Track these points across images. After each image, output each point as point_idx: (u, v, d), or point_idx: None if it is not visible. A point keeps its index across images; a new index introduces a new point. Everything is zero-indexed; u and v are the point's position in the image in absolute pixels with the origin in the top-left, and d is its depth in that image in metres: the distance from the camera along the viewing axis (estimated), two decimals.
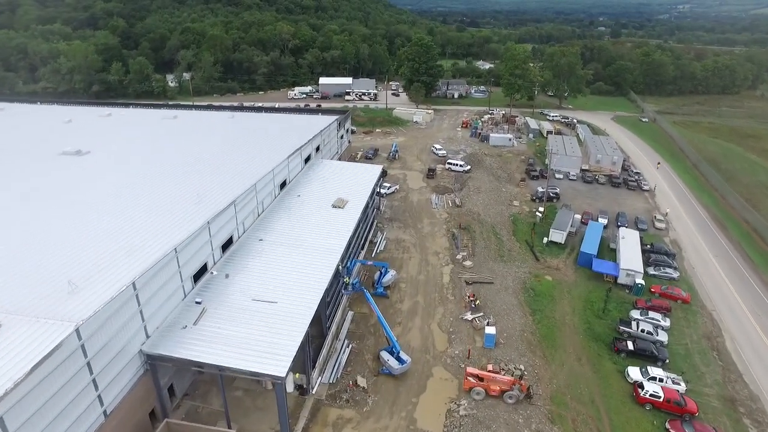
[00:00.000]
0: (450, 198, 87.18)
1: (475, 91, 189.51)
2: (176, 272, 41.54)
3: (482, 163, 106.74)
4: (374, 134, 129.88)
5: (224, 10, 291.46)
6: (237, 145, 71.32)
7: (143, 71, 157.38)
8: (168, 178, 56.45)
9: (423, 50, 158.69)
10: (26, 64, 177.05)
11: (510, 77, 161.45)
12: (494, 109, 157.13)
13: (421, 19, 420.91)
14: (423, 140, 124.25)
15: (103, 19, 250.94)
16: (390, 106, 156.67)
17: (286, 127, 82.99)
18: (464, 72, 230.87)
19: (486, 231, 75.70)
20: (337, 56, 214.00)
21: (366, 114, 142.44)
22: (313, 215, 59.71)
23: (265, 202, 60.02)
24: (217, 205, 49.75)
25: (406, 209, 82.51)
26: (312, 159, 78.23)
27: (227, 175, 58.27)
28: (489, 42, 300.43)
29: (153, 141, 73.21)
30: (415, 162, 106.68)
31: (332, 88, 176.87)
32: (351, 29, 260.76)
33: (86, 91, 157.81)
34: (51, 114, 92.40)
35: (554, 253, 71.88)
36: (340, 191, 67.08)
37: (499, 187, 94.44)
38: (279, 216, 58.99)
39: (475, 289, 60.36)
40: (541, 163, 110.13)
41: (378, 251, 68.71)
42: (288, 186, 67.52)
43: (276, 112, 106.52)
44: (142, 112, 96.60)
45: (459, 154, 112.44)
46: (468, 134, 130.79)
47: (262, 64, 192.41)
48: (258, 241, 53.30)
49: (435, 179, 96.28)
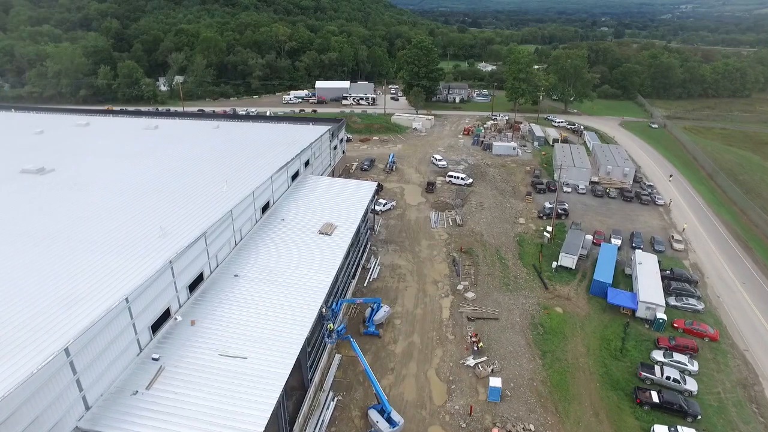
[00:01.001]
0: (451, 216, 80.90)
1: (477, 95, 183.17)
2: (129, 325, 35.38)
3: (485, 175, 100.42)
4: (371, 142, 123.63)
5: (221, 11, 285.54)
6: (217, 161, 65.20)
7: (132, 75, 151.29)
8: (133, 204, 50.28)
9: (423, 53, 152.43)
10: (13, 67, 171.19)
11: (514, 81, 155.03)
12: (497, 115, 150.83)
13: (423, 19, 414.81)
14: (422, 149, 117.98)
15: (97, 20, 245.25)
16: (389, 112, 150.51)
17: (273, 139, 76.89)
18: (466, 74, 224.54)
19: (489, 255, 69.41)
20: (335, 58, 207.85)
21: (363, 120, 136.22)
22: (297, 244, 53.48)
23: (243, 229, 53.86)
24: (185, 238, 43.64)
25: (403, 229, 76.27)
26: (300, 175, 72.12)
27: (201, 199, 52.16)
28: (491, 43, 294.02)
29: (126, 156, 66.98)
30: (413, 174, 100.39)
31: (329, 92, 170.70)
32: (350, 30, 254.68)
33: (73, 96, 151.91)
34: (23, 123, 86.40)
35: (564, 279, 65.58)
36: (330, 213, 60.94)
37: (503, 202, 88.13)
38: (259, 245, 52.77)
39: (478, 327, 54.11)
40: (547, 175, 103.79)
41: (371, 279, 62.48)
42: (272, 208, 61.33)
43: (266, 121, 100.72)
44: (123, 121, 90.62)
45: (460, 164, 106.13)
46: (470, 142, 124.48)
47: (257, 66, 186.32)
48: (233, 277, 47.12)
49: (434, 194, 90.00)
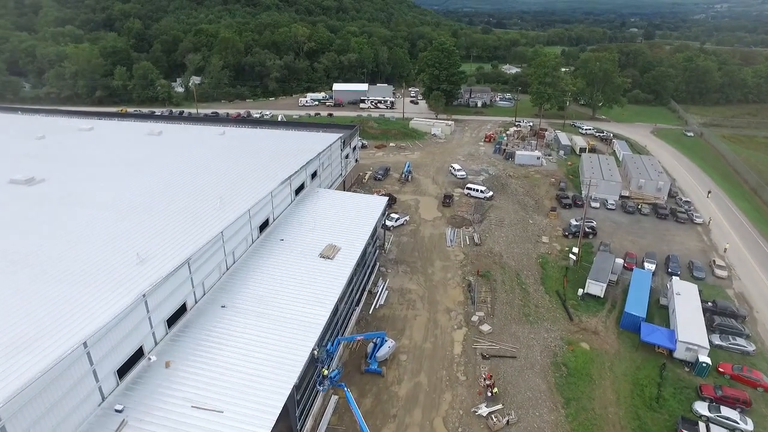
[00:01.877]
0: (468, 233, 75.03)
1: (500, 99, 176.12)
2: (88, 372, 30.95)
3: (506, 187, 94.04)
4: (387, 149, 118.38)
5: (242, 11, 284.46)
6: (216, 172, 60.77)
7: (147, 76, 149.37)
8: (115, 224, 46.06)
9: (444, 55, 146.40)
10: (35, 67, 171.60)
11: (539, 86, 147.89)
12: (521, 121, 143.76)
13: (446, 20, 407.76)
14: (441, 157, 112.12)
15: (120, 20, 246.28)
16: (407, 116, 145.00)
17: (279, 148, 72.29)
18: (489, 77, 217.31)
19: (509, 279, 63.38)
20: (354, 60, 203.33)
21: (380, 125, 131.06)
22: (294, 269, 48.55)
23: (237, 251, 49.26)
24: (166, 265, 39.16)
25: (416, 247, 70.75)
26: (306, 188, 67.35)
27: (190, 218, 47.68)
28: (516, 45, 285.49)
29: (121, 166, 63.11)
30: (430, 185, 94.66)
31: (346, 95, 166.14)
32: (371, 31, 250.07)
33: (89, 97, 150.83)
34: (26, 127, 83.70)
35: (592, 309, 59.17)
36: (334, 232, 55.94)
37: (525, 218, 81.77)
38: (252, 270, 48.04)
39: (493, 366, 48.33)
40: (573, 187, 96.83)
41: (377, 306, 57.20)
42: (271, 226, 56.64)
43: (277, 126, 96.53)
44: (128, 125, 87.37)
45: (480, 175, 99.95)
46: (491, 150, 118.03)
47: (274, 67, 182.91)
48: (220, 307, 42.46)
49: (452, 207, 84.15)
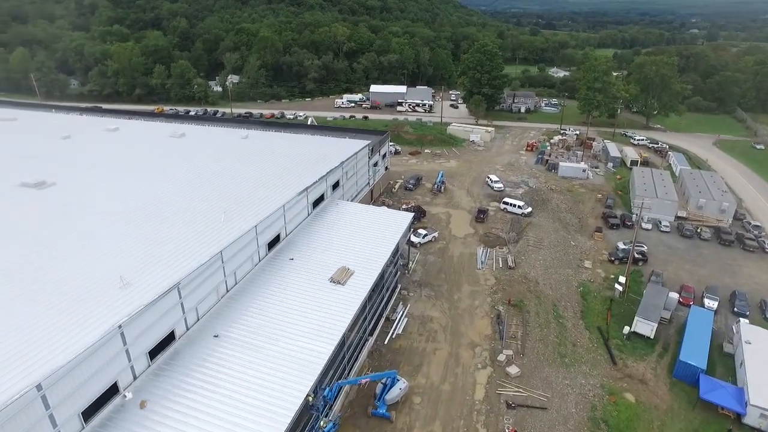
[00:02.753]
0: (502, 254, 68.35)
1: (545, 104, 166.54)
2: (43, 417, 27.18)
3: (547, 202, 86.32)
4: (422, 156, 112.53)
5: (286, 11, 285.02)
6: (230, 180, 57.13)
7: (184, 75, 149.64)
8: (108, 238, 42.69)
9: (486, 58, 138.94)
10: (82, 66, 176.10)
11: (587, 91, 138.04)
12: (567, 129, 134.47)
13: (493, 20, 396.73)
14: (478, 166, 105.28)
15: (168, 19, 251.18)
16: (446, 121, 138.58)
17: (302, 155, 68.10)
18: (535, 81, 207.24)
19: (544, 311, 56.47)
20: (394, 61, 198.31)
21: (416, 130, 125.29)
22: (300, 294, 43.86)
23: (240, 271, 45.07)
24: (153, 289, 35.29)
25: (444, 268, 64.76)
26: (326, 199, 62.74)
27: (190, 233, 43.84)
28: (565, 47, 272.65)
29: (135, 170, 60.47)
30: (464, 197, 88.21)
31: (383, 97, 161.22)
32: (413, 31, 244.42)
33: (129, 95, 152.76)
34: (56, 126, 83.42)
35: (639, 351, 51.58)
36: (350, 252, 50.98)
37: (566, 239, 74.15)
38: (254, 294, 43.68)
39: (519, 419, 41.95)
40: (623, 205, 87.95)
41: (394, 335, 51.76)
42: (282, 242, 52.25)
43: (305, 130, 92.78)
44: (153, 126, 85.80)
45: (519, 188, 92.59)
46: (533, 160, 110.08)
47: (312, 68, 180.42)
48: (212, 337, 38.27)
49: (485, 224, 77.52)
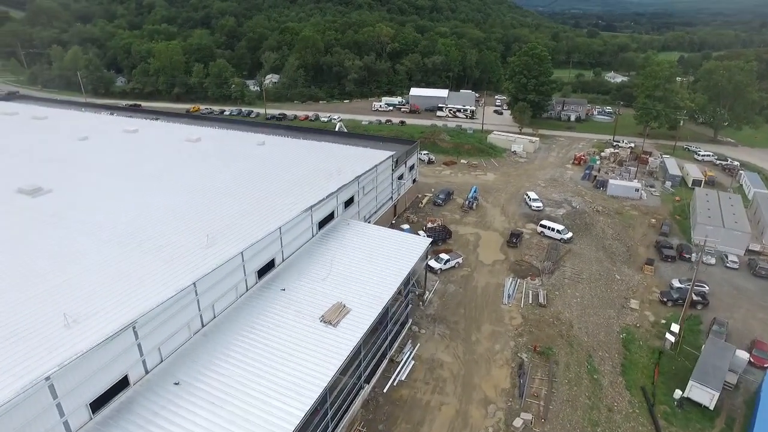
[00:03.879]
0: (533, 287, 60.16)
1: (598, 112, 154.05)
2: None
3: (591, 226, 76.77)
4: (457, 166, 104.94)
5: (333, 10, 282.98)
6: (230, 195, 52.40)
7: (222, 74, 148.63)
8: (76, 260, 38.63)
9: (534, 62, 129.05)
10: (129, 63, 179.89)
11: (646, 100, 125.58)
12: (620, 141, 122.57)
13: (548, 22, 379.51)
14: (517, 180, 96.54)
15: (217, 18, 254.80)
16: (487, 128, 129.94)
17: (315, 166, 62.68)
18: (589, 86, 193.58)
19: (576, 362, 48.18)
20: (439, 63, 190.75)
21: (452, 138, 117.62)
22: (283, 336, 38.14)
23: (219, 304, 39.89)
24: (105, 328, 30.66)
25: (464, 301, 57.41)
26: (337, 218, 56.97)
27: (164, 260, 39.09)
28: (625, 50, 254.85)
29: (137, 179, 57.01)
30: (497, 216, 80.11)
31: (423, 101, 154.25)
32: (462, 32, 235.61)
33: (168, 93, 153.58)
34: (78, 126, 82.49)
35: (694, 425, 42.54)
36: (351, 284, 44.95)
37: (610, 271, 64.85)
38: (232, 331, 38.37)
39: None
40: (680, 233, 77.07)
41: (395, 383, 45.20)
42: (278, 268, 46.83)
43: (329, 136, 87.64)
44: (172, 128, 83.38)
45: (561, 208, 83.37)
46: (580, 175, 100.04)
47: (353, 68, 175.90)
48: (172, 385, 33.24)
49: (518, 249, 69.36)
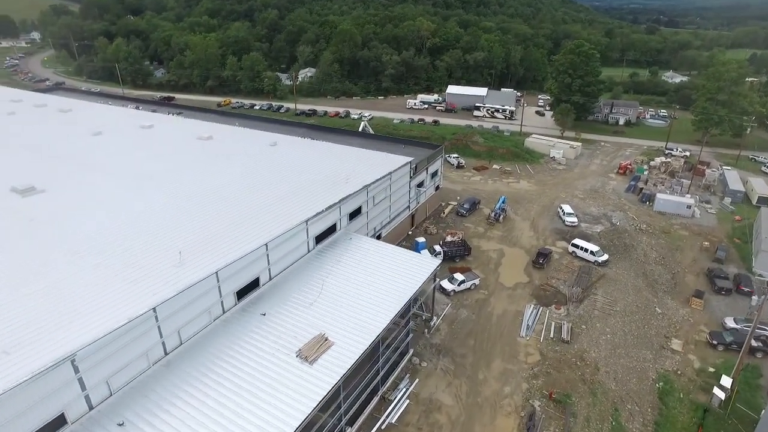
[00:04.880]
0: (557, 318, 53.23)
1: (651, 116, 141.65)
2: None
3: (632, 248, 68.32)
4: (488, 172, 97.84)
5: (376, 2, 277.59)
6: (223, 203, 48.54)
7: (254, 68, 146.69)
8: (38, 277, 35.57)
9: (580, 60, 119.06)
10: (169, 55, 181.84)
11: (707, 103, 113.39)
12: (674, 149, 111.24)
13: (603, 17, 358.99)
14: (553, 191, 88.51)
15: (260, 11, 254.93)
16: (526, 130, 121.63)
17: (326, 172, 57.96)
18: (643, 87, 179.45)
19: (599, 416, 41.28)
20: (481, 59, 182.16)
21: (486, 141, 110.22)
22: (252, 373, 33.72)
23: (187, 330, 35.90)
24: (43, 358, 27.21)
25: (476, 330, 51.31)
26: (340, 230, 52.16)
27: (130, 279, 35.40)
28: (686, 47, 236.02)
29: (135, 179, 54.38)
30: (525, 231, 72.99)
31: (461, 99, 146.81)
32: (508, 27, 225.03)
33: (202, 86, 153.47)
34: (94, 120, 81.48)
35: None
36: (340, 310, 40.15)
37: (650, 303, 56.81)
38: (195, 364, 34.29)
39: None
40: (740, 260, 67.35)
41: (384, 425, 39.95)
42: (263, 287, 42.47)
43: (350, 137, 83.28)
44: (187, 125, 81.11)
45: (599, 224, 75.15)
46: (624, 187, 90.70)
47: (390, 64, 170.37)
48: (116, 426, 29.47)
49: (545, 271, 62.28)
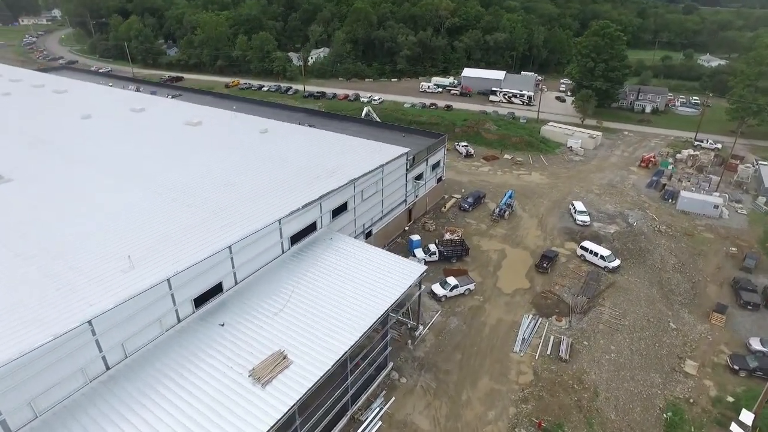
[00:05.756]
0: (557, 331, 48.47)
1: (681, 103, 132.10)
2: None
3: (649, 252, 62.37)
4: (498, 162, 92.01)
5: None
6: (197, 195, 45.03)
7: (264, 47, 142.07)
8: None
9: (604, 42, 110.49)
10: (181, 34, 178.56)
11: (745, 90, 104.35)
12: (704, 140, 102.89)
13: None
14: (566, 184, 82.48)
15: None
16: (544, 117, 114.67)
17: (315, 162, 54.03)
18: (676, 71, 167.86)
19: None
20: (502, 41, 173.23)
21: (499, 129, 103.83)
22: (199, 393, 30.42)
23: (135, 342, 32.72)
24: None
25: (464, 343, 46.96)
26: (321, 229, 48.19)
27: (69, 286, 32.26)
28: (727, 28, 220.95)
29: (100, 172, 51.32)
30: (532, 229, 67.69)
31: (476, 83, 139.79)
32: (533, 7, 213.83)
33: (211, 65, 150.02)
34: (90, 102, 79.02)
35: None
36: (305, 322, 36.37)
37: (664, 316, 51.37)
38: (140, 381, 31.13)
39: None
40: None
41: None
42: (225, 294, 38.88)
43: (352, 123, 79.11)
44: (178, 108, 77.77)
45: (613, 224, 69.24)
46: (645, 182, 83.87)
47: (406, 44, 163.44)
48: None
49: (549, 276, 57.23)
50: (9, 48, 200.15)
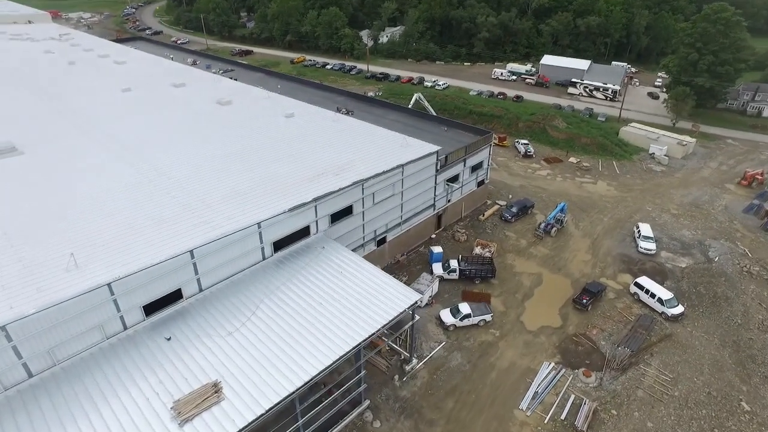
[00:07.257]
0: (580, 391, 39.66)
1: None
2: None
3: (728, 300, 50.05)
4: (561, 166, 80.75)
5: None
6: (178, 188, 41.53)
7: (332, 24, 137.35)
8: None
9: (716, 30, 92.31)
10: (259, 7, 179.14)
11: None
12: None
13: None
14: (637, 199, 70.13)
15: None
16: (629, 116, 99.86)
17: (327, 157, 48.56)
18: None
19: None
20: (595, 25, 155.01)
21: (569, 127, 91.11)
22: (116, 425, 26.79)
23: (66, 350, 29.87)
24: None
25: (462, 387, 39.67)
26: (317, 234, 42.90)
27: (16, 276, 29.80)
28: None
29: (114, 149, 49.75)
30: (581, 252, 57.48)
31: (556, 72, 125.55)
32: None
33: (281, 40, 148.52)
34: (138, 75, 79.58)
35: None
36: (260, 350, 31.61)
37: (734, 389, 40.32)
38: (59, 397, 28.15)
39: None
40: None
41: None
42: (186, 302, 34.97)
43: (388, 110, 72.55)
44: (217, 86, 75.05)
45: (687, 256, 56.96)
46: (742, 205, 69.01)
47: (485, 26, 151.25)
48: None
49: (587, 315, 47.71)
50: (111, 18, 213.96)
